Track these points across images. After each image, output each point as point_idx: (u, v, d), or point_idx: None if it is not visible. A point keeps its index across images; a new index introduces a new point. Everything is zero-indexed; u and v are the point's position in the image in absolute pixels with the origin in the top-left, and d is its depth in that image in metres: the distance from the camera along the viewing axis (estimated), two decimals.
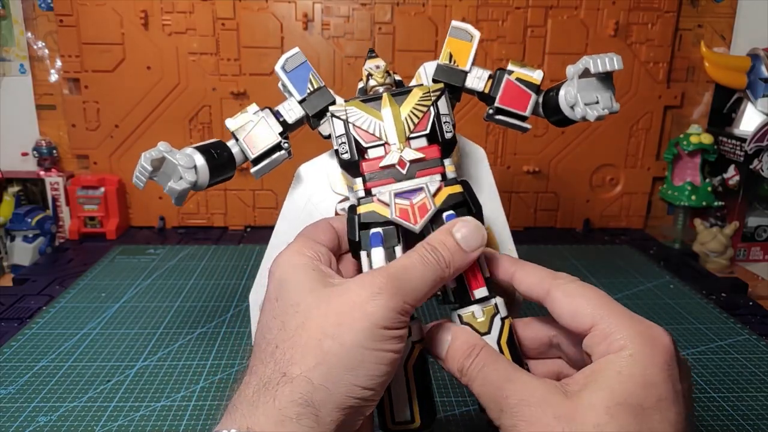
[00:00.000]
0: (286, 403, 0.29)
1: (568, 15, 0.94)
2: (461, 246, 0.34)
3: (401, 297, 0.31)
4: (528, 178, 1.01)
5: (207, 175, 0.42)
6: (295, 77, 0.43)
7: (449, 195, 0.36)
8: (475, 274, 0.35)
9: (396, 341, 0.31)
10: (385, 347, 0.30)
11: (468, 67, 0.43)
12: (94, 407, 0.51)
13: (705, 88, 1.00)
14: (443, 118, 0.38)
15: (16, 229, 0.91)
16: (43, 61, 0.95)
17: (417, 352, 0.35)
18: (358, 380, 0.30)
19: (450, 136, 0.38)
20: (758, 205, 0.98)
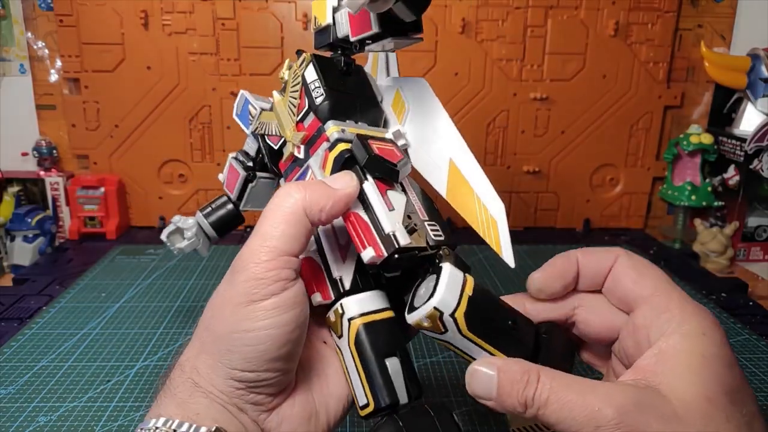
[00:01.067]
0: (177, 386, 0.31)
1: (568, 15, 0.94)
2: (326, 181, 0.32)
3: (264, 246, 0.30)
4: (528, 178, 1.01)
5: (209, 228, 0.51)
6: (242, 117, 0.46)
7: (334, 158, 0.34)
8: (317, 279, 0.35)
9: (270, 314, 0.29)
10: (254, 326, 0.29)
11: (330, 19, 0.39)
12: (94, 407, 0.51)
13: (705, 88, 1.00)
14: (311, 86, 0.37)
15: (16, 229, 0.91)
16: (43, 61, 0.95)
17: (355, 329, 0.33)
18: (234, 364, 0.30)
19: (321, 100, 0.36)
20: (758, 205, 0.98)
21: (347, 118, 0.37)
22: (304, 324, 0.31)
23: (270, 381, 0.31)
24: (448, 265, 0.31)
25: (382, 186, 0.33)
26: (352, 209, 0.33)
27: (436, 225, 0.34)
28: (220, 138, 0.96)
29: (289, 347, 0.30)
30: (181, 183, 0.99)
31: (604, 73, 0.97)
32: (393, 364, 0.33)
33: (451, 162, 0.34)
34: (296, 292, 0.31)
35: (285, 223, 0.31)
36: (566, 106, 0.97)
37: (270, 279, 0.30)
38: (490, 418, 0.50)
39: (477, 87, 0.96)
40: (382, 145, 0.35)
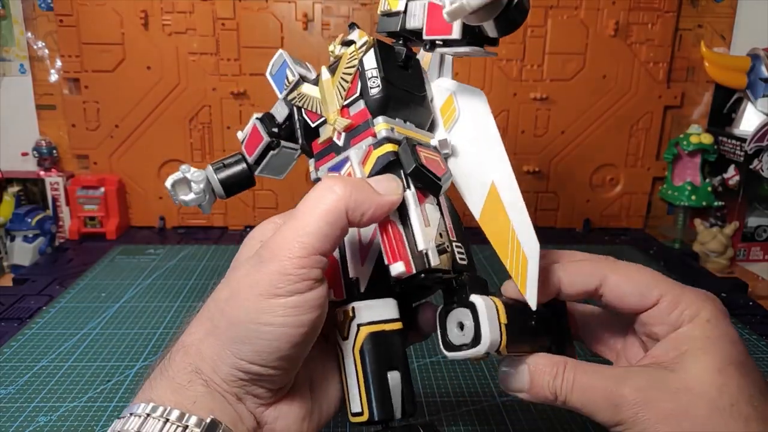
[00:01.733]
0: (177, 371, 0.30)
1: (568, 15, 0.94)
2: (370, 183, 0.30)
3: (300, 241, 0.29)
4: (528, 178, 1.01)
5: (218, 184, 0.45)
6: (277, 78, 0.42)
7: (378, 157, 0.32)
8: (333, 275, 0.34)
9: (290, 312, 0.29)
10: (272, 321, 0.28)
11: (402, 6, 0.36)
12: (94, 407, 0.51)
13: (705, 88, 1.00)
14: (368, 74, 0.34)
15: (16, 229, 0.91)
16: (43, 61, 0.95)
17: (363, 336, 0.32)
18: (243, 355, 0.29)
19: (376, 92, 0.33)
20: (758, 205, 0.98)
21: (397, 116, 0.35)
22: (319, 327, 0.30)
23: (274, 377, 0.30)
24: (481, 301, 0.31)
25: (421, 197, 0.32)
26: (390, 217, 0.31)
27: (462, 248, 0.34)
28: (220, 138, 0.96)
29: (300, 348, 0.30)
30: None
31: (604, 73, 0.97)
32: (394, 378, 0.32)
33: (493, 186, 0.32)
34: (320, 293, 0.30)
35: (323, 221, 0.29)
36: (566, 106, 0.97)
37: (299, 276, 0.29)
38: (490, 418, 0.50)
39: (477, 87, 0.95)
40: (429, 155, 0.33)
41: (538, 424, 0.50)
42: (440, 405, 0.52)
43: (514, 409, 0.52)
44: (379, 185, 0.30)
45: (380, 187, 0.30)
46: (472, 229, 0.33)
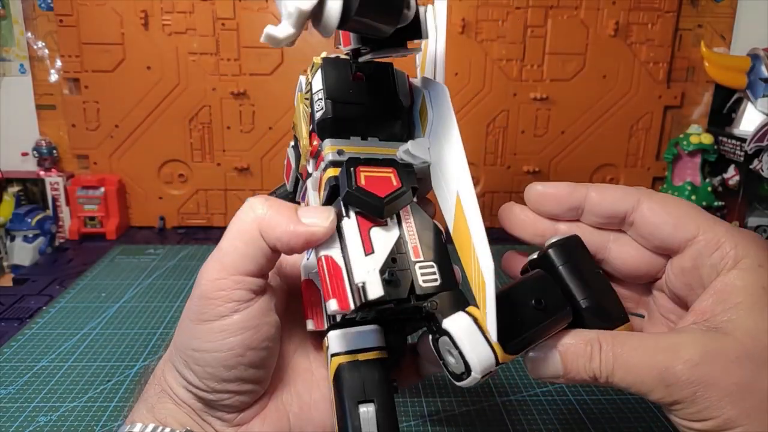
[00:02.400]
0: (149, 394, 0.31)
1: (568, 15, 0.94)
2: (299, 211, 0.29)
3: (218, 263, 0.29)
4: (528, 178, 1.01)
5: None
6: None
7: (324, 184, 0.31)
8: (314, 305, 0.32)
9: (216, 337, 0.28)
10: (202, 347, 0.28)
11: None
12: (94, 407, 0.51)
13: (705, 88, 1.00)
14: (315, 97, 0.32)
15: (16, 229, 0.91)
16: (43, 61, 0.95)
17: (334, 366, 0.31)
18: (189, 379, 0.29)
19: (320, 115, 0.31)
20: (758, 205, 0.98)
21: (353, 134, 0.32)
22: (259, 347, 0.29)
23: (225, 401, 0.30)
24: (454, 326, 0.27)
25: (365, 223, 0.29)
26: (325, 251, 0.29)
27: (432, 266, 0.29)
28: (220, 138, 0.96)
29: (239, 371, 0.29)
30: (181, 183, 0.99)
31: (604, 73, 0.97)
32: (366, 412, 0.30)
33: (458, 198, 0.28)
34: (249, 315, 0.29)
35: (240, 240, 0.29)
36: (566, 106, 0.97)
37: (220, 299, 0.28)
38: (490, 418, 0.50)
39: (477, 87, 0.96)
40: (376, 173, 0.30)
41: (538, 424, 0.50)
42: (440, 405, 0.52)
43: (514, 409, 0.52)
44: (305, 215, 0.29)
45: (305, 215, 0.29)
46: None
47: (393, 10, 0.26)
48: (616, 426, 0.50)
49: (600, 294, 0.30)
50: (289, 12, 0.23)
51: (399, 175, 0.30)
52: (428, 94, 0.33)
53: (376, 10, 0.25)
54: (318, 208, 0.30)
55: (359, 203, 0.29)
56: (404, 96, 0.34)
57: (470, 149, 0.97)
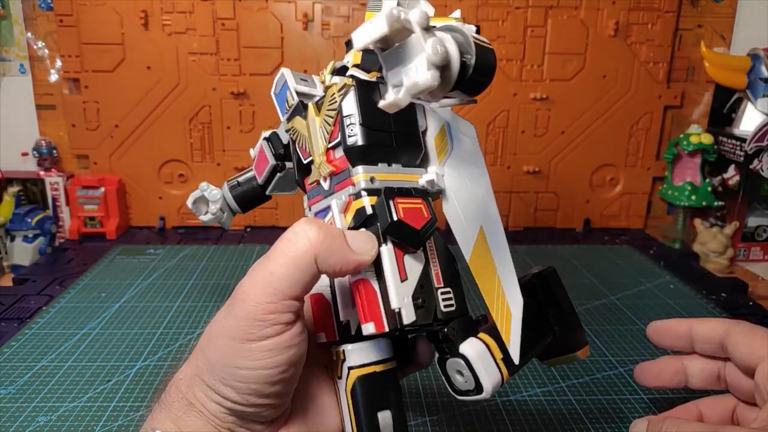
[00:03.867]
0: (173, 404, 0.31)
1: (568, 15, 0.94)
2: (346, 236, 0.30)
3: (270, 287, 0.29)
4: (528, 178, 1.01)
5: (233, 202, 0.50)
6: (280, 99, 0.40)
7: (356, 211, 0.32)
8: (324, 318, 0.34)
9: (263, 356, 0.29)
10: (247, 365, 0.29)
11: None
12: (94, 407, 0.51)
13: (705, 88, 1.00)
14: (346, 121, 0.33)
15: (16, 229, 0.91)
16: (43, 61, 0.95)
17: (353, 379, 0.32)
18: (225, 394, 0.30)
19: (353, 141, 0.32)
20: (758, 205, 0.98)
21: (381, 160, 0.33)
22: (298, 363, 0.31)
23: (261, 413, 0.31)
24: (471, 351, 0.31)
25: (399, 251, 0.31)
26: (363, 275, 0.31)
27: (449, 292, 0.32)
28: (220, 138, 0.96)
29: (281, 386, 0.30)
30: (181, 183, 0.99)
31: (604, 73, 0.97)
32: (384, 418, 0.32)
33: (481, 230, 0.31)
34: (293, 334, 0.30)
35: (294, 267, 0.29)
36: (566, 106, 0.97)
37: (269, 322, 0.29)
38: (490, 418, 0.50)
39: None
40: (409, 204, 0.32)
41: (538, 424, 0.50)
42: (440, 405, 0.52)
43: (514, 409, 0.52)
44: (354, 241, 0.30)
45: (354, 243, 0.30)
46: None
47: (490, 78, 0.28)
48: (616, 426, 0.50)
49: (569, 321, 0.37)
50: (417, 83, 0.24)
51: (427, 205, 0.33)
52: (449, 126, 0.34)
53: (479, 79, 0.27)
54: (363, 236, 0.31)
55: (400, 235, 0.31)
56: (423, 123, 0.35)
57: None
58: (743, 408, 0.39)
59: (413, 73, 0.24)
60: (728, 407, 0.40)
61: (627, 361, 0.60)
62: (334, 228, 0.31)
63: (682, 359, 0.42)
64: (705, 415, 0.40)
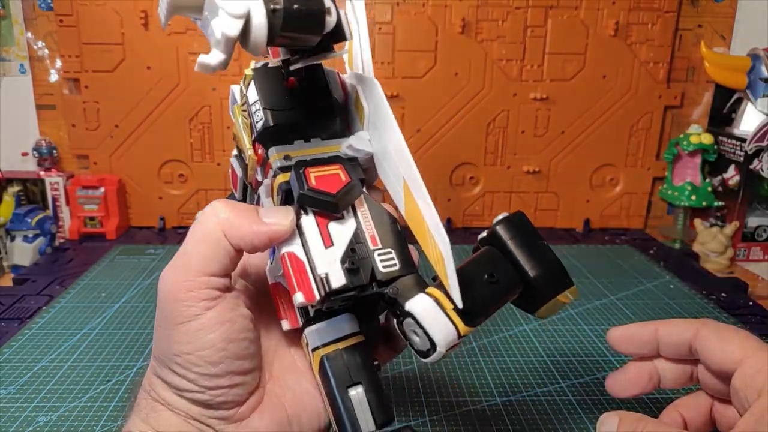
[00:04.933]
0: (142, 405, 0.32)
1: (568, 15, 0.94)
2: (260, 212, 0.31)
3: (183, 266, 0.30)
4: (528, 178, 1.01)
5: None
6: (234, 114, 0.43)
7: (276, 190, 0.33)
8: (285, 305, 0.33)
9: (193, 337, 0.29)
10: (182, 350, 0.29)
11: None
12: (94, 407, 0.51)
13: (705, 88, 1.00)
14: (252, 108, 0.34)
15: (16, 229, 0.91)
16: (43, 61, 0.95)
17: (317, 360, 0.32)
18: (180, 385, 0.30)
19: (260, 126, 0.33)
20: (758, 205, 0.98)
21: (296, 137, 0.34)
22: (238, 338, 0.30)
23: (220, 398, 0.30)
24: (417, 306, 0.30)
25: (323, 219, 0.31)
26: (289, 247, 0.31)
27: (390, 252, 0.31)
28: (220, 138, 0.96)
29: (227, 364, 0.30)
30: (181, 183, 0.99)
31: (604, 73, 0.97)
32: (357, 394, 0.32)
33: (405, 183, 0.30)
34: (221, 310, 0.30)
35: (203, 243, 0.30)
36: (566, 106, 0.97)
37: (190, 300, 0.29)
38: (490, 418, 0.50)
39: (477, 87, 0.96)
40: (324, 172, 0.32)
41: (538, 425, 0.50)
42: (440, 405, 0.52)
43: (514, 409, 0.52)
44: (266, 214, 0.30)
45: (267, 216, 0.30)
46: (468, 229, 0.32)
47: (315, 22, 0.28)
48: None
49: (546, 263, 0.33)
50: (217, 39, 0.25)
51: (346, 169, 0.32)
52: (360, 89, 0.34)
53: (299, 25, 0.27)
54: (278, 208, 0.31)
55: (314, 203, 0.31)
56: (338, 93, 0.35)
57: (470, 149, 0.98)
58: (720, 407, 0.37)
59: (216, 28, 0.25)
60: (706, 407, 0.38)
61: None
62: (245, 205, 0.31)
63: (653, 361, 0.40)
64: (687, 419, 0.38)
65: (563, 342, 0.64)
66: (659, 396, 0.54)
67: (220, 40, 0.25)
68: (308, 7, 0.27)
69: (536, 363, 0.59)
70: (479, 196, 1.00)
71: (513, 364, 0.59)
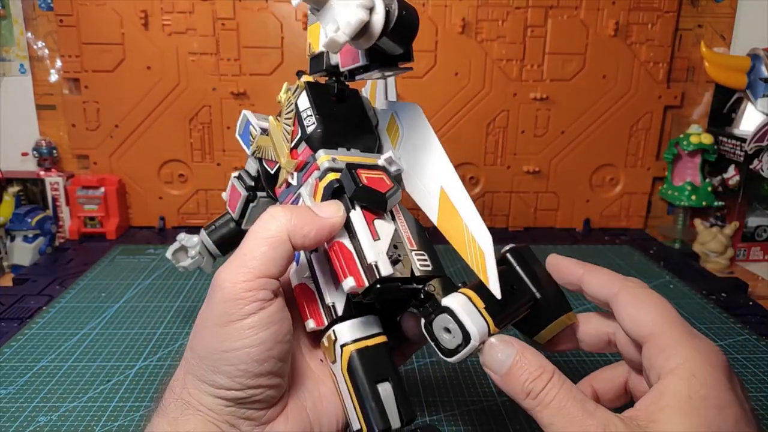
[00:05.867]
0: (169, 407, 0.32)
1: (568, 15, 0.94)
2: (312, 208, 0.33)
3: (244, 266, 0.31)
4: (528, 178, 1.01)
5: (212, 245, 0.53)
6: (244, 137, 0.45)
7: (324, 188, 0.35)
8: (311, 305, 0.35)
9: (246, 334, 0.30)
10: (232, 346, 0.30)
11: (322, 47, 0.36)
12: (94, 407, 0.51)
13: (705, 88, 1.00)
14: (303, 114, 0.37)
15: (16, 229, 0.91)
16: (43, 61, 0.95)
17: (347, 355, 0.34)
18: (219, 383, 0.31)
19: (312, 129, 0.37)
20: (758, 205, 0.98)
21: (339, 146, 0.37)
22: (284, 340, 0.32)
23: (257, 396, 0.31)
24: (453, 301, 0.32)
25: (369, 215, 0.33)
26: (337, 238, 0.33)
27: (424, 255, 0.34)
28: (220, 138, 0.96)
29: (270, 364, 0.31)
30: (181, 183, 0.99)
31: (604, 73, 0.97)
32: (385, 389, 0.33)
33: (442, 191, 0.34)
34: (273, 311, 0.31)
35: (267, 246, 0.31)
36: (566, 106, 0.97)
37: (247, 299, 0.30)
38: (490, 418, 0.50)
39: (477, 87, 0.96)
40: (372, 174, 0.35)
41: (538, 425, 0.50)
42: (440, 405, 0.52)
43: (514, 409, 0.52)
44: (320, 209, 0.33)
45: (322, 211, 0.32)
46: None
47: (412, 33, 0.32)
48: None
49: (549, 289, 0.36)
50: (350, 22, 0.28)
51: (389, 176, 0.36)
52: (397, 113, 0.39)
53: (403, 31, 0.31)
54: (328, 203, 0.33)
55: (366, 198, 0.33)
56: (372, 115, 0.40)
57: (470, 149, 0.98)
58: (635, 380, 0.35)
59: (345, 14, 0.29)
60: (620, 379, 0.36)
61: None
62: (300, 206, 0.33)
63: None
64: (599, 391, 0.36)
65: None
66: None
67: (352, 22, 0.28)
68: (412, 19, 0.31)
69: None
70: (479, 196, 1.00)
71: None
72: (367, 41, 0.30)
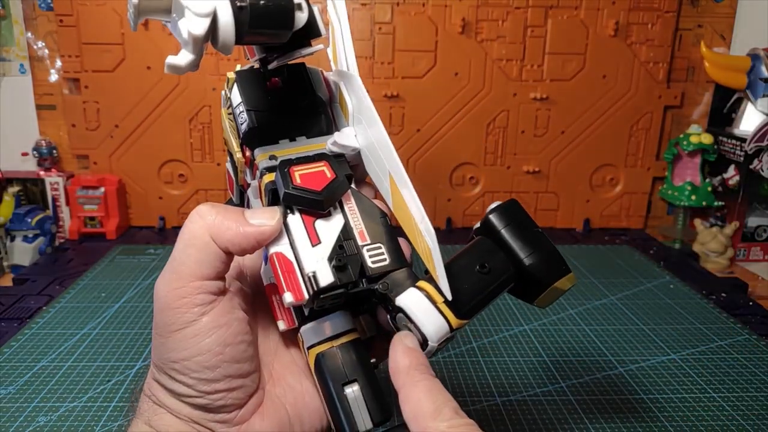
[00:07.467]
0: (145, 410, 0.32)
1: (568, 15, 0.94)
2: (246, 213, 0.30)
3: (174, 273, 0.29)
4: (528, 178, 1.01)
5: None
6: None
7: (264, 192, 0.32)
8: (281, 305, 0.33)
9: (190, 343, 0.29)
10: (179, 356, 0.29)
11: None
12: (94, 407, 0.51)
13: (705, 88, 1.00)
14: (236, 111, 0.34)
15: (16, 229, 0.91)
16: (43, 61, 0.95)
17: (312, 358, 0.32)
18: (180, 391, 0.30)
19: (244, 127, 0.33)
20: (758, 205, 0.98)
21: (282, 137, 0.34)
22: (236, 341, 0.30)
23: (219, 402, 0.30)
24: (407, 301, 0.29)
25: (309, 217, 0.31)
26: (276, 248, 0.30)
27: (380, 247, 0.31)
28: (220, 138, 0.96)
29: (225, 368, 0.30)
30: (181, 183, 0.99)
31: (604, 73, 0.97)
32: (353, 392, 0.31)
33: (391, 177, 0.30)
34: (216, 314, 0.30)
35: (192, 247, 0.29)
36: (566, 106, 0.97)
37: (184, 307, 0.29)
38: (490, 418, 0.50)
39: (477, 87, 0.96)
40: (309, 170, 0.31)
41: (538, 424, 0.50)
42: None
43: (514, 409, 0.52)
44: (252, 215, 0.30)
45: (254, 218, 0.30)
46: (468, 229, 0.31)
47: (284, 18, 0.28)
48: (616, 426, 0.50)
49: (541, 250, 0.32)
50: (185, 40, 0.25)
51: (332, 166, 0.32)
52: (343, 85, 0.34)
53: (267, 21, 0.27)
54: (264, 209, 0.31)
55: (299, 201, 0.30)
56: (322, 92, 0.36)
57: (470, 149, 0.98)
58: None
59: (183, 28, 0.25)
60: None
61: (627, 360, 0.60)
62: (230, 207, 0.31)
63: None
64: None
65: (563, 342, 0.64)
66: (659, 396, 0.54)
67: (187, 40, 0.25)
68: (275, 3, 0.27)
69: (536, 363, 0.59)
70: (479, 196, 1.00)
71: (513, 364, 0.59)
72: (225, 49, 0.27)
